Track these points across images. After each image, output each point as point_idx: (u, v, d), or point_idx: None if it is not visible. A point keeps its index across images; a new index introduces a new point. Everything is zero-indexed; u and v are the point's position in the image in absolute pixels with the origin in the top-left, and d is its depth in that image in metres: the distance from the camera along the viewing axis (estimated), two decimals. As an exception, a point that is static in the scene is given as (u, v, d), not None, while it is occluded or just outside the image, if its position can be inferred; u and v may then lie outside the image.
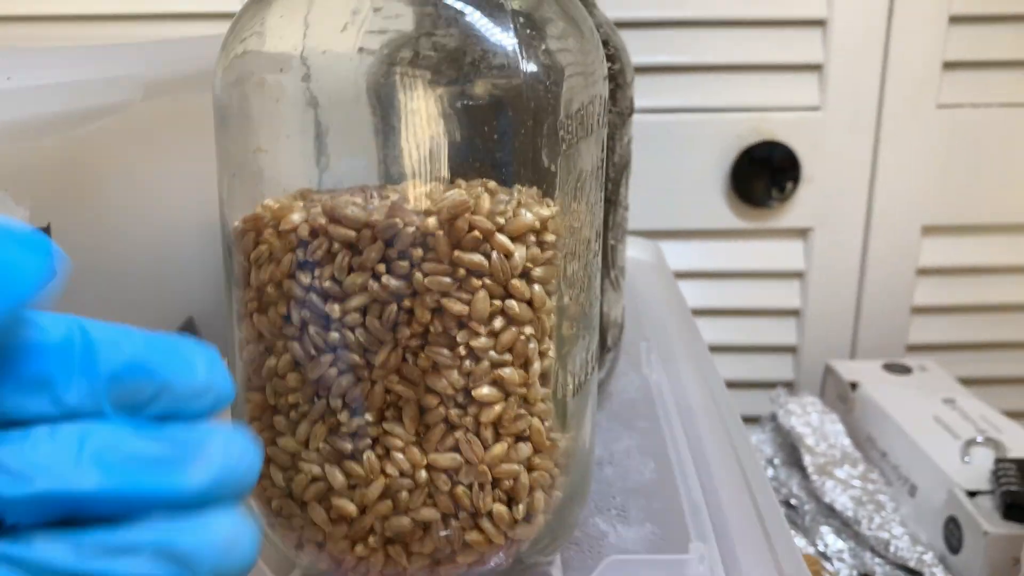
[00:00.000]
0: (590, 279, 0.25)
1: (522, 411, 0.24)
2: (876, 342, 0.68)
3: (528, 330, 0.23)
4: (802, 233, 0.66)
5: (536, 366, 0.24)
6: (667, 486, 0.32)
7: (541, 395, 0.24)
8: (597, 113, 0.24)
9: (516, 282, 0.23)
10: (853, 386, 0.60)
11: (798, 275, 0.67)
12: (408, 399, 0.23)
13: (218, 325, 0.55)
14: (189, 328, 0.50)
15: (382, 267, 0.22)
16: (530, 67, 0.23)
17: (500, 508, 0.24)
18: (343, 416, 0.23)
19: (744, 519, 0.30)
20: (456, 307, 0.22)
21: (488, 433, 0.23)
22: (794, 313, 0.68)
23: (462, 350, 0.23)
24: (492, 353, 0.23)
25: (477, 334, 0.23)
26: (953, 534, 0.46)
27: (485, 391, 0.23)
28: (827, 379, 0.64)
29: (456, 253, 0.22)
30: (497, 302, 0.23)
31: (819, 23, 0.62)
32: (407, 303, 0.23)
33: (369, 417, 0.23)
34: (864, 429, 0.57)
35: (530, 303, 0.23)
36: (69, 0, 0.60)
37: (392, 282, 0.22)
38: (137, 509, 0.15)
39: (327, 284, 0.23)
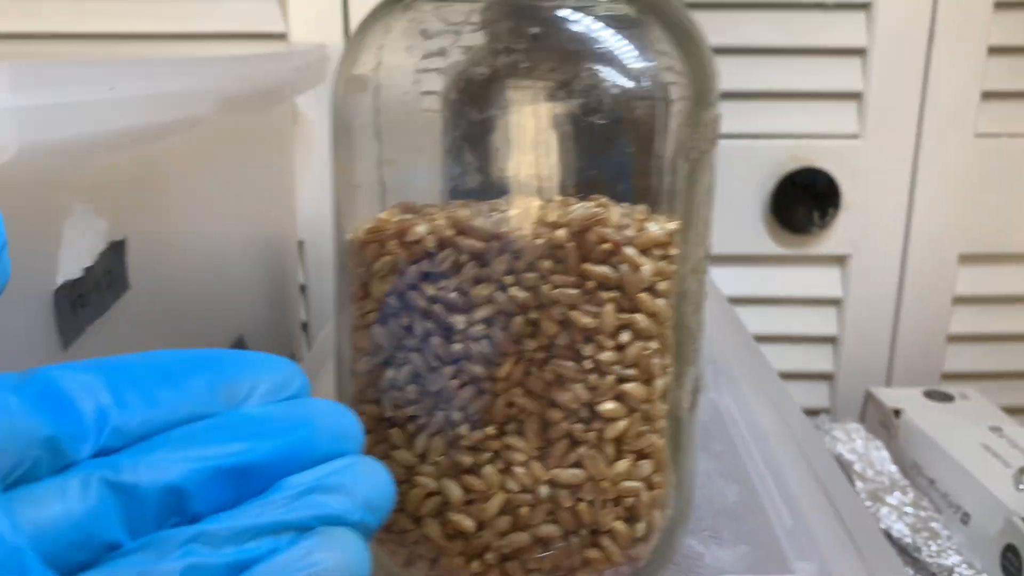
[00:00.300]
0: (703, 297, 0.25)
1: (645, 428, 0.23)
2: (912, 370, 0.68)
3: (653, 345, 0.23)
4: (840, 260, 0.67)
5: (659, 382, 0.23)
6: (754, 508, 0.32)
7: (663, 412, 0.24)
8: (714, 130, 0.25)
9: (643, 296, 0.23)
10: (896, 413, 0.59)
11: (835, 302, 0.68)
12: (531, 412, 0.23)
13: (269, 342, 0.55)
14: (240, 346, 0.50)
15: (509, 279, 0.22)
16: (648, 80, 0.23)
17: (620, 526, 0.24)
18: (463, 429, 0.23)
19: (837, 542, 0.30)
20: (583, 320, 0.22)
21: (611, 449, 0.23)
22: (831, 340, 0.68)
23: (588, 363, 0.23)
24: (617, 367, 0.23)
25: (603, 347, 0.23)
26: (1012, 562, 0.46)
27: (610, 406, 0.23)
28: (867, 406, 0.64)
29: (585, 265, 0.22)
30: (624, 315, 0.23)
31: (859, 52, 0.63)
32: (533, 315, 0.22)
33: (490, 430, 0.23)
34: (909, 456, 0.57)
35: (655, 317, 0.23)
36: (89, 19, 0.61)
37: (520, 294, 0.22)
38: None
39: (452, 295, 0.23)
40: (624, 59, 0.23)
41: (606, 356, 0.23)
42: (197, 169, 0.43)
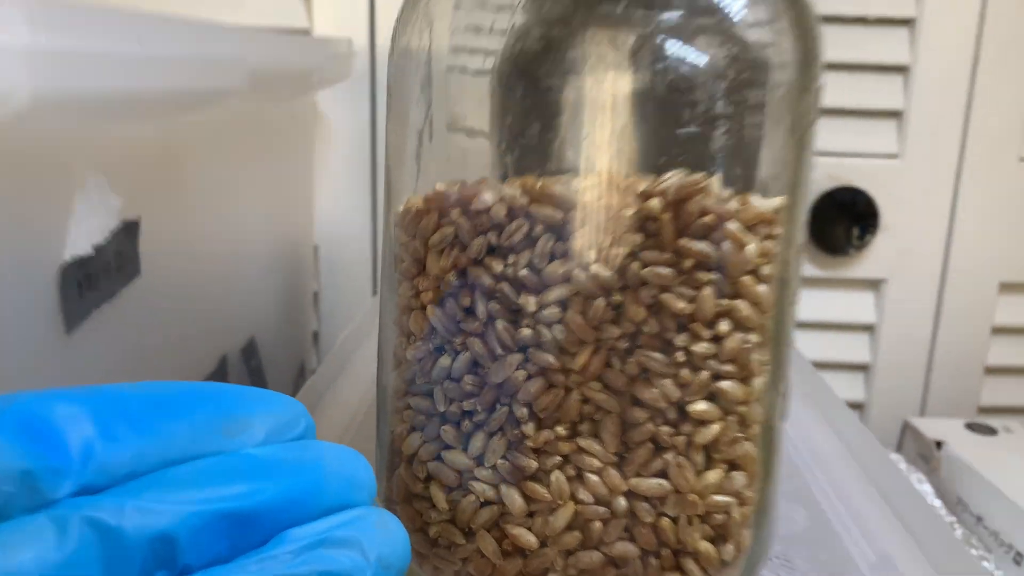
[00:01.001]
0: (798, 288, 0.22)
1: (739, 434, 0.20)
2: (947, 401, 0.65)
3: (754, 337, 0.20)
4: (874, 284, 0.64)
5: (757, 381, 0.20)
6: (827, 535, 0.29)
7: (759, 416, 0.21)
8: (819, 100, 0.22)
9: (747, 279, 0.20)
10: (938, 445, 0.56)
11: (869, 328, 0.65)
12: (609, 411, 0.20)
13: (279, 349, 0.52)
14: (250, 349, 0.47)
15: (591, 255, 0.19)
16: (748, 42, 0.20)
17: (707, 547, 0.20)
18: (528, 428, 0.20)
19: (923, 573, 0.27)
20: (677, 304, 0.19)
21: (700, 457, 0.20)
22: (863, 368, 0.65)
23: (679, 356, 0.19)
24: (713, 362, 0.20)
25: (699, 337, 0.19)
26: (1074, 607, 0.43)
27: (702, 407, 0.20)
28: (905, 437, 0.61)
29: (682, 241, 0.19)
30: (724, 301, 0.20)
31: (901, 69, 0.60)
32: (617, 298, 0.19)
33: (561, 430, 0.20)
34: (953, 491, 0.54)
35: (757, 305, 0.20)
36: None
37: (603, 272, 0.19)
38: None
39: (523, 272, 0.20)
40: (720, 18, 0.20)
41: (701, 348, 0.19)
42: (218, 156, 0.40)
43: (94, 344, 0.30)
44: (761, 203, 0.20)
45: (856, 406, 0.65)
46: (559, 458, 0.20)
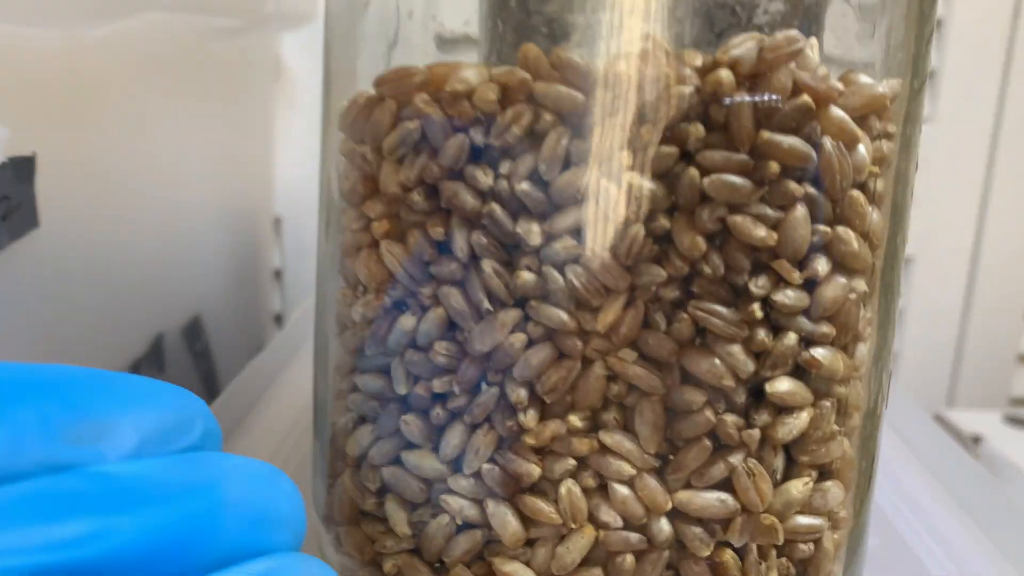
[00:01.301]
0: (908, 224, 0.16)
1: (837, 426, 0.14)
2: (978, 391, 0.60)
3: (861, 285, 0.14)
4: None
5: (863, 349, 0.14)
6: (903, 554, 0.23)
7: (861, 401, 0.14)
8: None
9: (856, 195, 0.13)
10: (975, 440, 0.50)
11: (894, 311, 0.59)
12: (649, 393, 0.13)
13: (233, 331, 0.46)
14: (194, 330, 0.40)
15: (626, 157, 0.13)
16: None
17: (787, 589, 0.14)
18: (528, 418, 0.13)
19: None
20: (756, 232, 0.13)
21: (778, 461, 0.14)
22: (887, 355, 0.59)
23: (756, 309, 0.13)
24: (804, 320, 0.13)
25: (785, 283, 0.13)
26: None
27: (786, 386, 0.13)
28: (936, 432, 0.55)
29: (764, 135, 0.13)
30: (822, 228, 0.13)
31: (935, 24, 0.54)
32: (662, 223, 0.13)
33: (576, 421, 0.13)
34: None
35: (867, 237, 0.14)
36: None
37: (643, 183, 0.13)
38: None
39: (524, 187, 0.13)
40: None
41: (788, 298, 0.13)
42: (150, 90, 0.33)
43: None
44: (875, 84, 0.13)
45: (878, 397, 0.60)
46: (573, 462, 0.14)
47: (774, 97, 0.12)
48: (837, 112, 0.13)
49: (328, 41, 0.16)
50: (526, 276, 0.13)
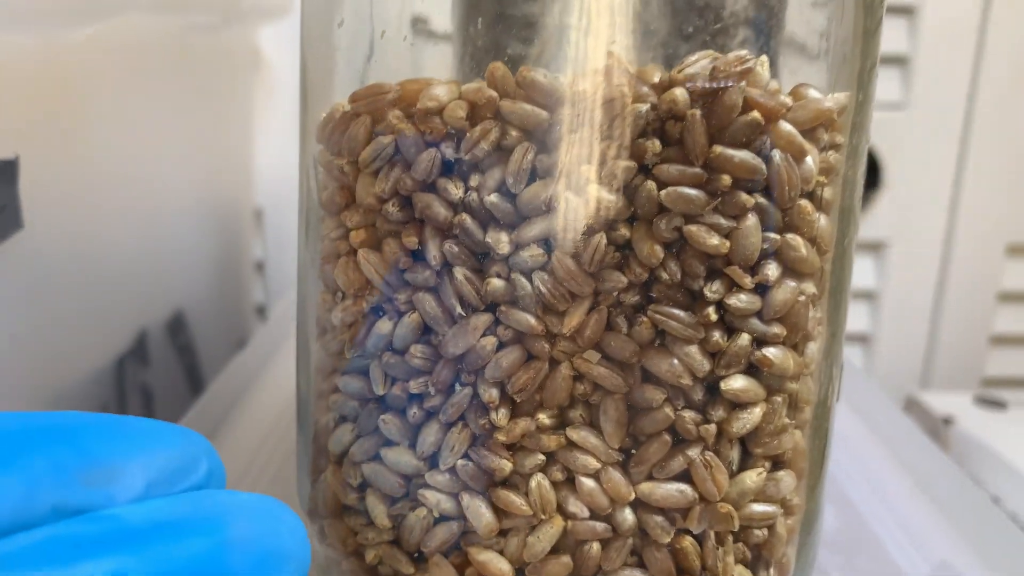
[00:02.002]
0: (857, 227, 0.17)
1: (789, 420, 0.15)
2: (951, 372, 0.61)
3: (809, 287, 0.14)
4: (875, 247, 0.59)
5: (813, 347, 0.15)
6: (863, 536, 0.24)
7: (812, 396, 0.15)
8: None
9: (804, 204, 0.14)
10: (947, 421, 0.52)
11: (869, 295, 0.60)
12: (612, 392, 0.14)
13: (215, 324, 0.46)
14: (177, 324, 0.41)
15: (588, 171, 0.14)
16: None
17: (743, 572, 0.15)
18: (500, 416, 0.14)
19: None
20: (709, 240, 0.14)
21: (734, 453, 0.15)
22: (862, 338, 0.61)
23: (711, 313, 0.14)
24: (756, 321, 0.14)
25: (738, 287, 0.14)
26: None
27: (740, 384, 0.14)
28: (909, 412, 0.56)
29: (717, 149, 0.13)
30: (772, 236, 0.14)
31: (906, 11, 0.55)
32: (623, 232, 0.14)
33: (545, 419, 0.14)
34: (965, 471, 0.49)
35: (816, 243, 0.14)
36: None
37: (604, 195, 0.14)
38: None
39: (492, 199, 0.14)
40: None
41: (741, 301, 0.14)
42: (130, 88, 0.33)
43: None
44: (822, 98, 0.14)
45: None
46: (542, 457, 0.14)
47: (730, 83, 0.13)
48: (785, 126, 0.14)
49: (304, 54, 0.17)
50: (496, 283, 0.14)
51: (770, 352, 0.14)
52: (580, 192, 0.14)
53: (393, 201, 0.15)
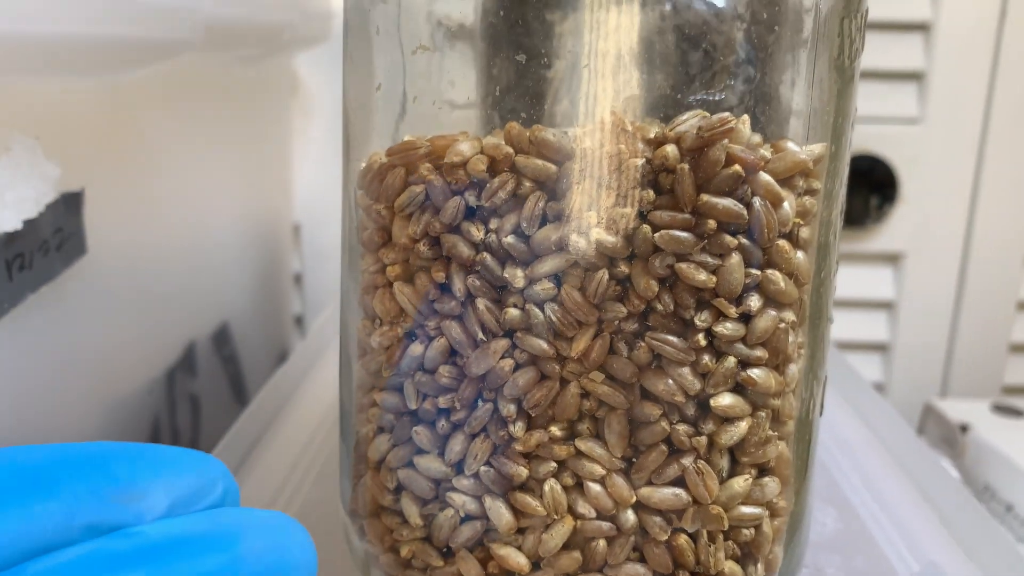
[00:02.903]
0: (836, 258, 0.19)
1: (772, 432, 0.17)
2: (970, 381, 0.62)
3: (789, 315, 0.16)
4: (893, 258, 0.60)
5: (793, 368, 0.17)
6: (861, 539, 0.25)
7: (793, 411, 0.17)
8: (864, 27, 0.18)
9: (782, 244, 0.16)
10: (963, 428, 0.53)
11: (887, 305, 0.61)
12: (615, 408, 0.16)
13: (257, 336, 0.49)
14: (222, 336, 0.43)
15: (592, 216, 0.16)
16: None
17: (733, 567, 0.17)
18: (517, 428, 0.16)
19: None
20: (698, 276, 0.16)
21: (723, 461, 0.17)
22: (881, 347, 0.62)
23: (700, 339, 0.16)
24: (741, 345, 0.16)
25: (724, 316, 0.16)
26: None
27: (727, 401, 0.16)
28: (926, 420, 0.57)
29: (704, 197, 0.15)
30: (754, 272, 0.16)
31: (922, 27, 0.56)
32: (622, 269, 0.16)
33: (556, 431, 0.16)
34: (980, 478, 0.50)
35: (794, 277, 0.16)
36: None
37: (606, 238, 0.16)
38: None
39: (509, 240, 0.16)
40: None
41: (727, 329, 0.16)
42: (180, 119, 0.36)
43: (30, 333, 0.26)
44: (798, 151, 0.16)
45: (874, 387, 0.62)
46: (554, 464, 0.17)
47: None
48: (764, 177, 0.16)
49: (346, 111, 0.19)
50: (513, 312, 0.16)
51: (754, 373, 0.16)
52: (585, 235, 0.16)
53: (424, 241, 0.17)
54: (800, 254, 0.16)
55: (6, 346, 0.25)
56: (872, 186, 0.58)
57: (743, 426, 0.16)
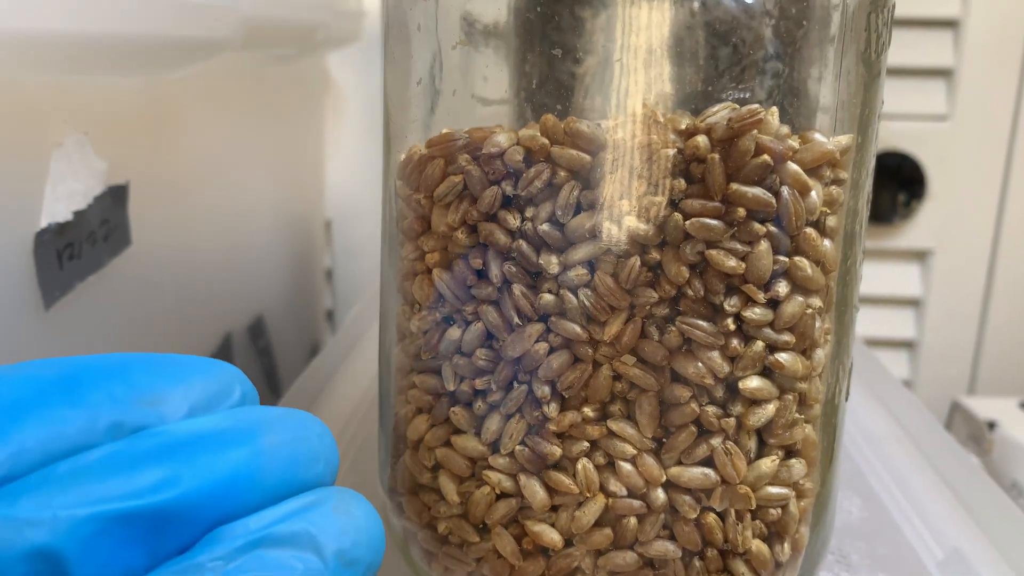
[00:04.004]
0: (862, 247, 0.19)
1: (798, 415, 0.17)
2: (998, 379, 0.61)
3: (816, 301, 0.17)
4: (920, 255, 0.60)
5: (820, 353, 0.17)
6: (886, 527, 0.26)
7: (820, 395, 0.18)
8: (892, 18, 0.19)
9: (809, 232, 0.17)
10: (991, 425, 0.53)
11: (915, 303, 0.61)
12: (645, 390, 0.17)
13: (290, 328, 0.50)
14: (258, 328, 0.44)
15: (625, 205, 0.16)
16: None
17: (760, 546, 0.17)
18: (551, 409, 0.17)
19: (993, 568, 0.23)
20: (727, 262, 0.16)
21: (751, 443, 0.17)
22: (909, 344, 0.62)
23: (730, 323, 0.16)
24: (769, 330, 0.17)
25: (753, 302, 0.16)
26: None
27: (756, 383, 0.17)
28: (954, 417, 0.57)
29: (733, 186, 0.16)
30: (782, 258, 0.16)
31: (951, 24, 0.56)
32: (654, 256, 0.16)
33: (588, 412, 0.17)
34: (1007, 474, 0.50)
35: (821, 264, 0.17)
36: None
37: (639, 225, 0.16)
38: None
39: (544, 227, 0.17)
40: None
41: (755, 314, 0.16)
42: (216, 117, 0.37)
43: (78, 319, 0.27)
44: (825, 141, 0.17)
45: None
46: (586, 444, 0.17)
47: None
48: (792, 167, 0.16)
49: (387, 106, 0.20)
50: (547, 297, 0.17)
51: (781, 357, 0.17)
52: (618, 222, 0.16)
53: (462, 229, 0.17)
54: (827, 242, 0.17)
55: (56, 332, 0.26)
56: (900, 183, 0.57)
57: (771, 408, 0.17)
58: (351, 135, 0.56)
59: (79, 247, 0.28)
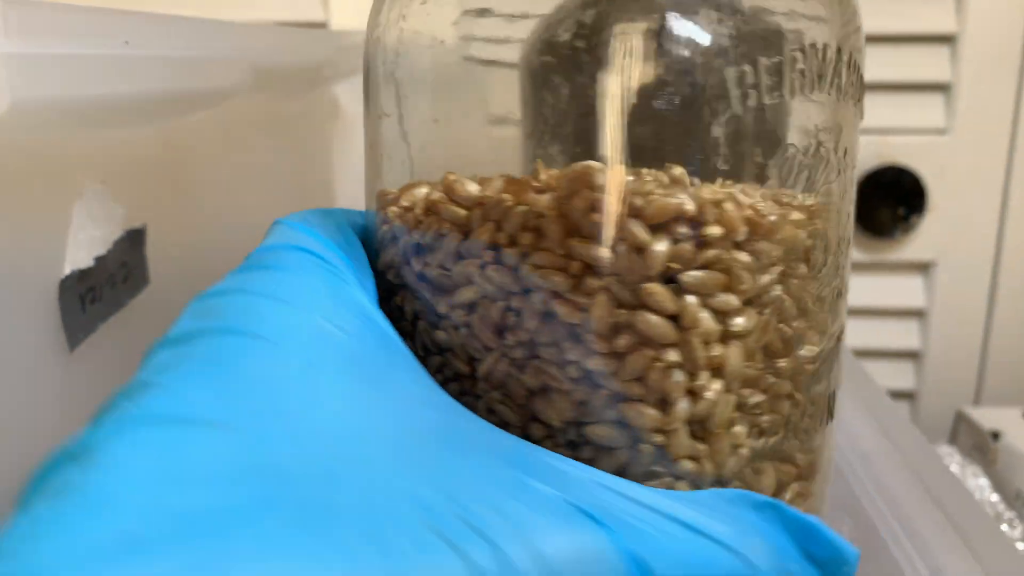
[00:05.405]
0: (830, 302, 0.21)
1: (659, 467, 0.19)
2: (1003, 389, 0.62)
3: (670, 356, 0.18)
4: (923, 267, 0.61)
5: (681, 406, 0.19)
6: (877, 549, 0.27)
7: (687, 449, 0.19)
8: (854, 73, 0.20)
9: (653, 287, 0.18)
10: (995, 436, 0.53)
11: (918, 313, 0.62)
12: (512, 424, 0.19)
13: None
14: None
15: (489, 255, 0.19)
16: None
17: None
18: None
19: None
20: (568, 313, 0.18)
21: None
22: (912, 355, 0.63)
23: (573, 371, 0.19)
24: (613, 381, 0.18)
25: (593, 352, 0.18)
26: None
27: (601, 431, 0.19)
28: (958, 427, 0.58)
29: (571, 241, 0.18)
30: (622, 312, 0.18)
31: (948, 39, 0.57)
32: (515, 303, 0.19)
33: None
34: (1012, 484, 0.51)
35: (677, 319, 0.18)
36: None
37: (494, 275, 0.19)
38: None
39: (435, 273, 0.20)
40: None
41: (595, 364, 0.18)
42: (227, 157, 0.40)
43: (102, 360, 0.28)
44: (681, 197, 0.18)
45: (906, 395, 0.63)
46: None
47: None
48: (630, 222, 0.18)
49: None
50: (441, 334, 0.19)
51: (626, 408, 0.19)
52: (483, 271, 0.19)
53: (391, 271, 0.21)
54: (691, 298, 0.18)
55: (81, 373, 0.27)
56: (900, 197, 0.59)
57: (621, 457, 0.18)
58: (359, 160, 0.59)
59: (100, 290, 0.28)
